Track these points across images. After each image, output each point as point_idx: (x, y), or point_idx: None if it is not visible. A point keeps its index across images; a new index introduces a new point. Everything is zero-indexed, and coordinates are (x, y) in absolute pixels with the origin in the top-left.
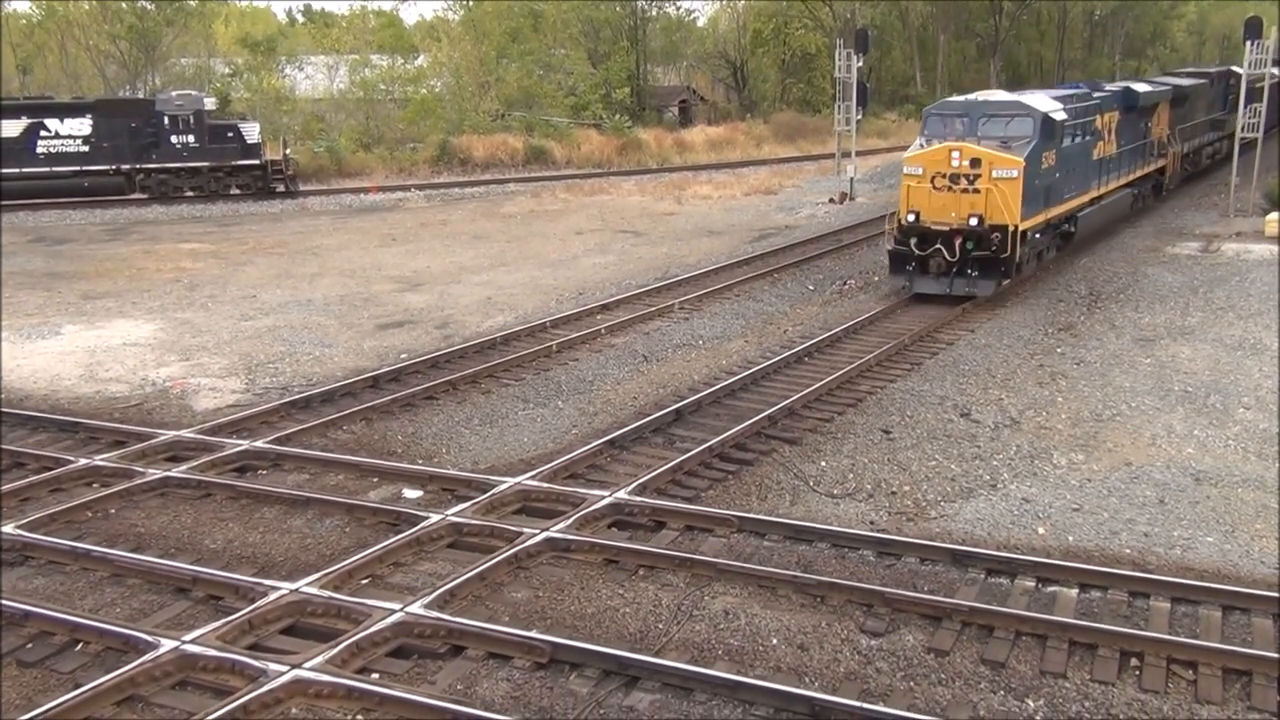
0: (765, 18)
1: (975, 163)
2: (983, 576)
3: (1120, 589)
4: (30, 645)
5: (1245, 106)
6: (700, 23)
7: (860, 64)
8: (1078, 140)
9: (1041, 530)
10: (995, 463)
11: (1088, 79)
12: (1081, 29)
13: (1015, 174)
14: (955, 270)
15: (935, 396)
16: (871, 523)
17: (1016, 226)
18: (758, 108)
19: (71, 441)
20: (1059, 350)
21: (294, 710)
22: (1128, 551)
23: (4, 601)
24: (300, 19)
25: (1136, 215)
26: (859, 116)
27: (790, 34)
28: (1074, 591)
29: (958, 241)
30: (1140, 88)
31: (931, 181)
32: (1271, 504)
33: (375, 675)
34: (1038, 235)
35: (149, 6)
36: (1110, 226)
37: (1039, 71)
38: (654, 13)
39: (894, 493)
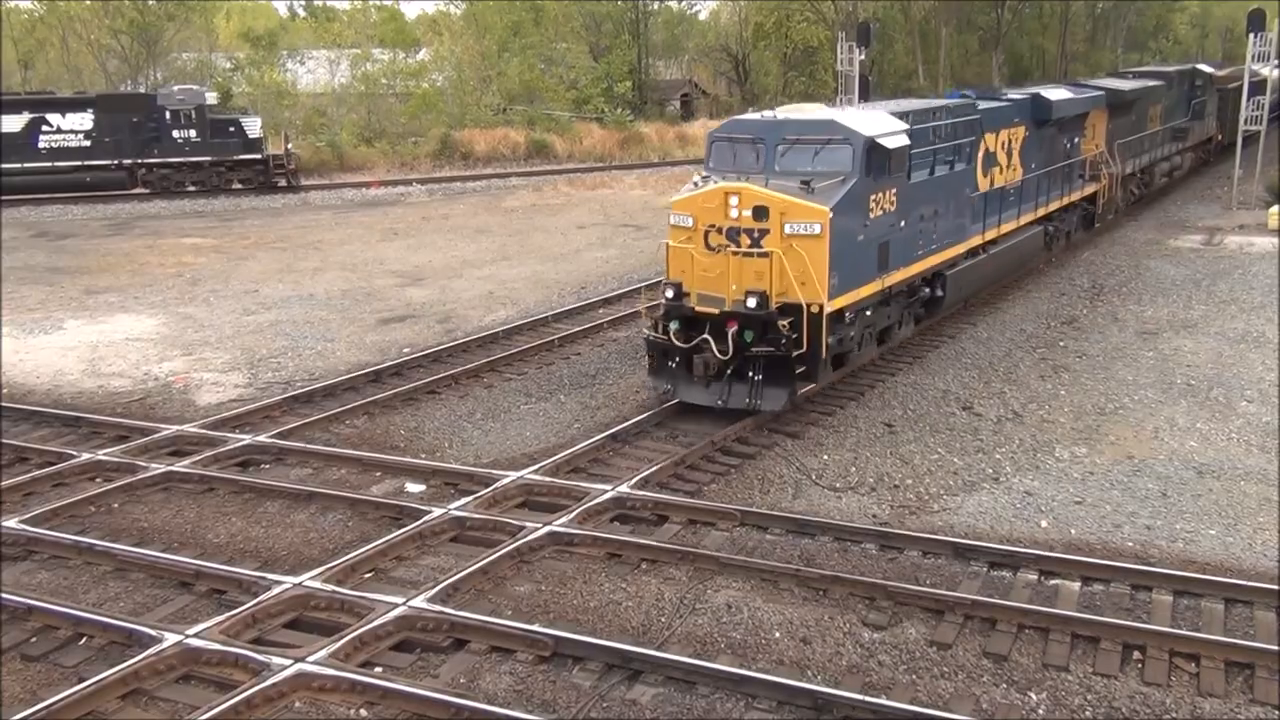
0: (767, 11)
1: (760, 212)
2: (985, 570)
3: (1123, 582)
4: (34, 640)
5: (1248, 99)
6: (702, 16)
7: (862, 57)
8: (942, 171)
9: (1044, 523)
10: (998, 456)
11: (1080, 76)
12: (1084, 22)
13: (818, 229)
14: (731, 372)
15: (937, 390)
16: (874, 516)
17: (822, 306)
18: (760, 101)
19: (74, 436)
20: (1061, 344)
21: (297, 704)
22: (1130, 545)
23: (8, 596)
24: (301, 13)
25: (1135, 209)
26: None
27: (792, 27)
28: (1076, 585)
29: (731, 330)
30: (1055, 95)
31: (705, 239)
32: (1274, 497)
33: (379, 669)
34: (868, 312)
35: (150, 1)
36: (1008, 277)
37: (1041, 65)
38: (655, 6)
39: (896, 486)
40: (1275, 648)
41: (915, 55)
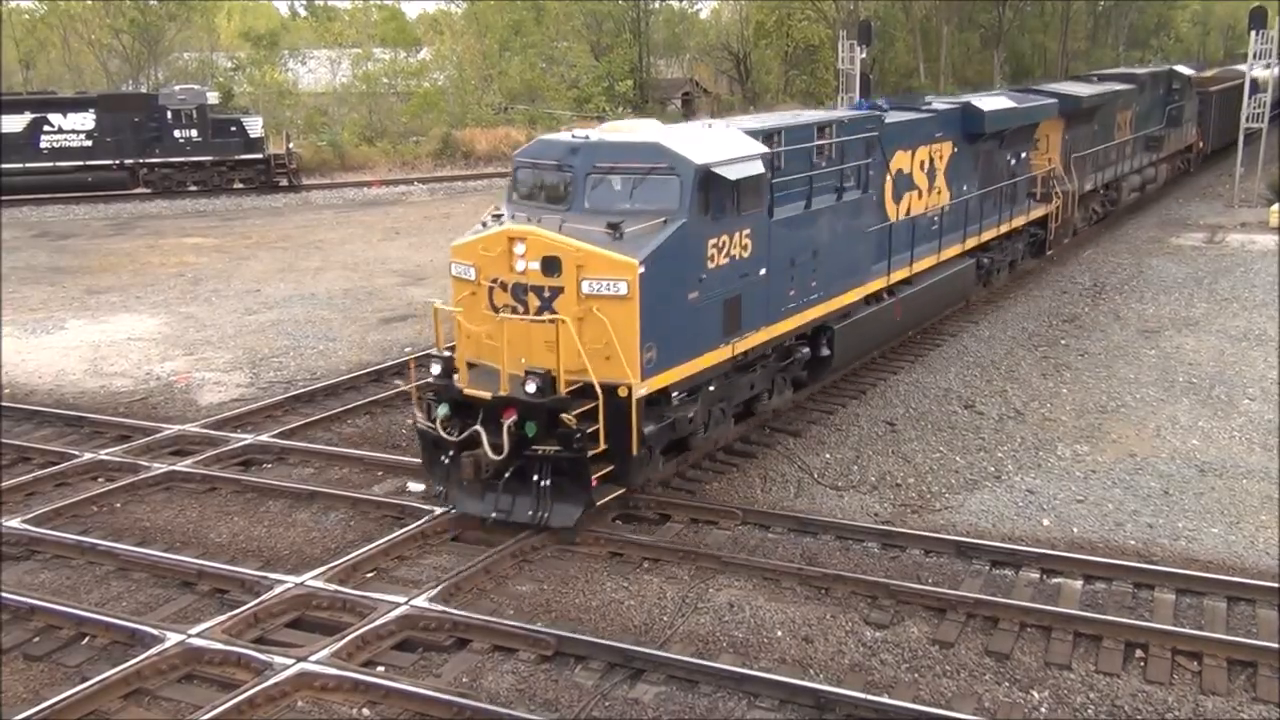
0: (768, 10)
1: (550, 265)
2: (987, 568)
3: (1125, 580)
4: (37, 639)
5: (1250, 97)
6: (703, 15)
7: (864, 56)
8: (825, 202)
9: (1046, 522)
10: (999, 454)
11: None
12: (1085, 20)
13: (624, 288)
14: (513, 474)
15: (939, 388)
16: (876, 514)
17: (630, 389)
18: (761, 100)
19: (77, 436)
20: (1063, 342)
21: (300, 703)
22: (1132, 543)
23: (11, 596)
24: (302, 13)
25: (1141, 205)
26: None
27: (793, 26)
28: (1078, 583)
29: (508, 420)
30: (990, 104)
31: (490, 297)
32: (1276, 495)
33: (381, 668)
34: (711, 386)
35: (151, 1)
36: (927, 321)
37: (1043, 63)
38: (656, 5)
39: (898, 485)
40: (1277, 646)
41: (916, 54)
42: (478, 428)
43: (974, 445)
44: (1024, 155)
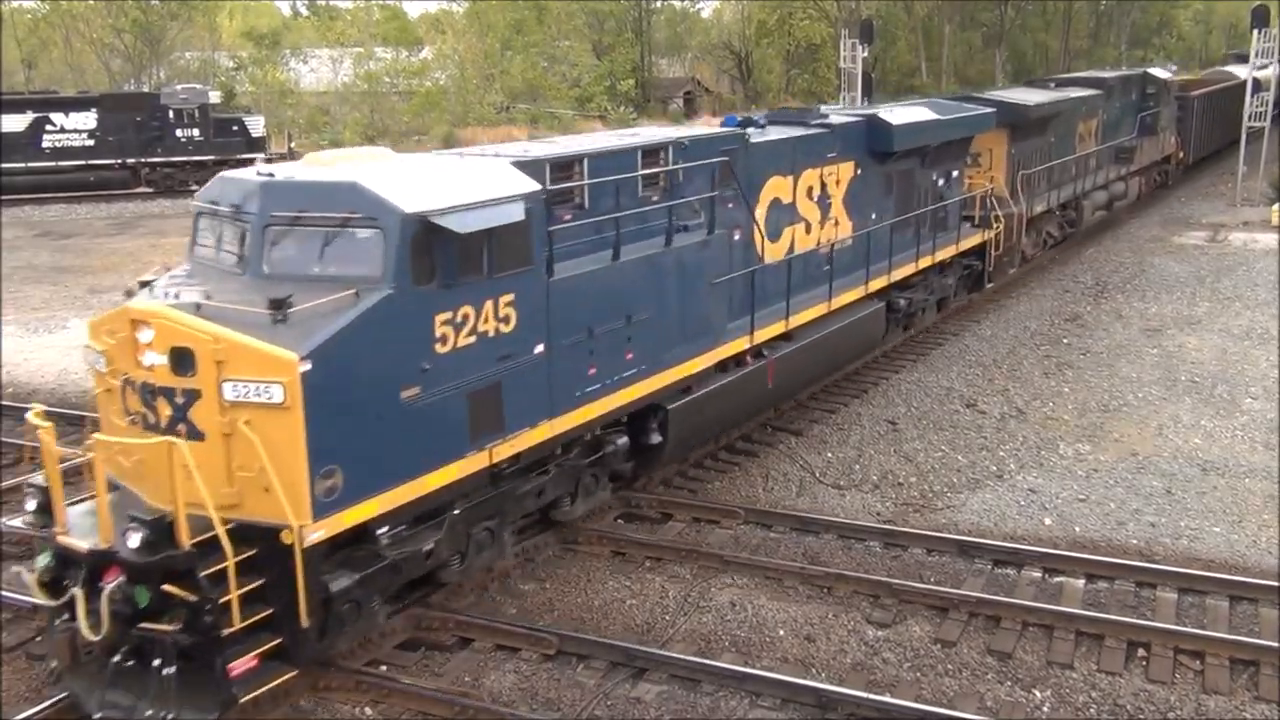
0: (769, 9)
1: (182, 359)
2: (989, 567)
3: (1127, 579)
4: (39, 639)
5: (1252, 95)
6: (705, 14)
7: (865, 54)
8: (646, 249)
9: (1048, 521)
10: (1001, 453)
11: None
12: (1087, 19)
13: (280, 395)
14: (121, 659)
15: (941, 387)
16: (878, 514)
17: (297, 533)
18: (762, 99)
19: (79, 436)
20: (1065, 341)
21: (302, 703)
22: (1134, 542)
23: (13, 596)
24: (304, 12)
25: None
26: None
27: (795, 25)
28: (1080, 582)
29: (109, 585)
30: (902, 117)
31: (123, 398)
32: (1278, 494)
33: (384, 668)
34: (457, 509)
35: (153, 1)
36: (808, 387)
37: (1045, 62)
38: (658, 4)
39: (900, 484)
40: (1279, 645)
41: (918, 53)
42: (75, 591)
43: (976, 444)
44: (955, 174)
